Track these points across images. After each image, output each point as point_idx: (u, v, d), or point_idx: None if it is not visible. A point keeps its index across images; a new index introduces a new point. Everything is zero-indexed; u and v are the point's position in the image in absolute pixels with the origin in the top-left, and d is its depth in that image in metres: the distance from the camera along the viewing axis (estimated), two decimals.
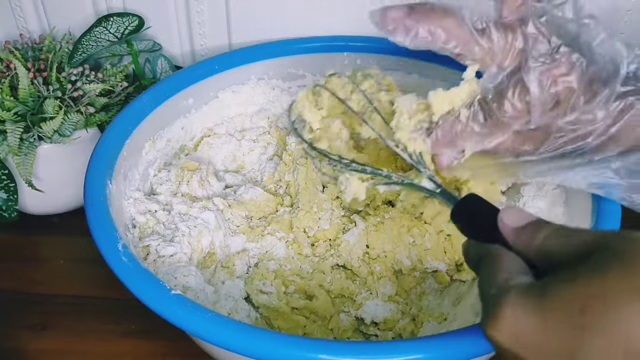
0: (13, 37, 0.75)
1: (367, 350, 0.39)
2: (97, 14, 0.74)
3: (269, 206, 0.62)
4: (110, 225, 0.48)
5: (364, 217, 0.59)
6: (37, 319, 0.60)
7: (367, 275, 0.57)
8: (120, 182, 0.56)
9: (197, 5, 0.73)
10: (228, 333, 0.40)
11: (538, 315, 0.28)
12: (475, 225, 0.38)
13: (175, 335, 0.50)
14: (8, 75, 0.63)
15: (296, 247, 0.60)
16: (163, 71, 0.74)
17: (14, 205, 0.66)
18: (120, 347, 0.57)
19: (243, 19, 0.74)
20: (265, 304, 0.54)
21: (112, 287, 0.49)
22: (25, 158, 0.61)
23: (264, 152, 0.69)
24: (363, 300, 0.55)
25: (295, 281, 0.56)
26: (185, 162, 0.63)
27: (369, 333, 0.55)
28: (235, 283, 0.55)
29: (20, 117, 0.62)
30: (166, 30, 0.75)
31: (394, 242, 0.57)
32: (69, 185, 0.67)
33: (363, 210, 0.59)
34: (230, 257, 0.58)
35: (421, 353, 0.38)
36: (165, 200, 0.59)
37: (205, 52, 0.77)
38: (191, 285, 0.51)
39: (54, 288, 0.63)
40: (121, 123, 0.58)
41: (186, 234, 0.55)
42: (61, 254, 0.67)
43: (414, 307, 0.56)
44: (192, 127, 0.67)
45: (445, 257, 0.58)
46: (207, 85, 0.66)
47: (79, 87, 0.65)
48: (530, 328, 0.28)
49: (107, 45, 0.70)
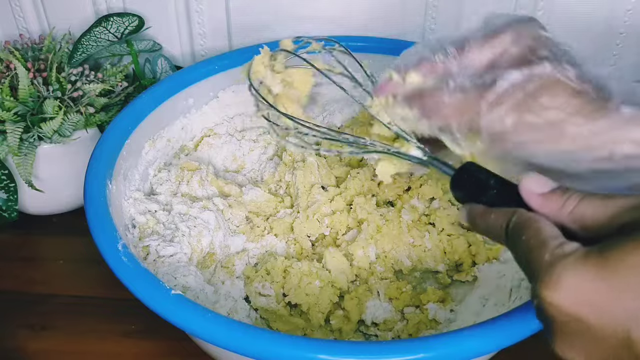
0: (13, 37, 0.75)
1: (367, 350, 0.39)
2: (97, 14, 0.74)
3: (269, 206, 0.62)
4: (110, 225, 0.48)
5: (364, 218, 0.59)
6: (37, 319, 0.60)
7: (368, 275, 0.57)
8: (120, 182, 0.56)
9: (197, 5, 0.73)
10: (228, 333, 0.40)
11: (602, 280, 0.28)
12: (483, 192, 0.37)
13: (175, 335, 0.50)
14: (8, 75, 0.63)
15: (296, 247, 0.60)
16: (163, 71, 0.74)
17: (14, 205, 0.66)
18: (120, 347, 0.57)
19: (243, 19, 0.74)
20: (264, 306, 0.54)
21: (112, 287, 0.49)
22: (25, 158, 0.61)
23: (264, 152, 0.69)
24: (364, 300, 0.55)
25: (295, 281, 0.56)
26: (185, 162, 0.63)
27: (369, 333, 0.55)
28: (235, 283, 0.55)
29: (20, 117, 0.62)
30: (166, 30, 0.75)
31: (394, 242, 0.57)
32: (69, 185, 0.67)
33: (364, 211, 0.59)
34: (230, 257, 0.58)
35: (421, 353, 0.38)
36: (165, 200, 0.59)
37: (205, 52, 0.77)
38: (191, 285, 0.51)
39: (53, 288, 0.63)
40: (121, 123, 0.58)
41: (186, 234, 0.55)
42: (61, 254, 0.67)
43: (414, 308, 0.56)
44: (192, 127, 0.67)
45: (445, 258, 0.58)
46: (207, 85, 0.66)
47: (79, 87, 0.65)
48: (594, 291, 0.29)
49: (107, 45, 0.70)
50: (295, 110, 0.45)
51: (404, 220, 0.58)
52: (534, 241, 0.32)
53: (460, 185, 0.39)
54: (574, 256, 0.30)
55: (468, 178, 0.38)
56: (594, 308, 0.29)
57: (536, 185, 0.34)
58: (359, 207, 0.59)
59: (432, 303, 0.54)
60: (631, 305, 0.28)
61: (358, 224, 0.59)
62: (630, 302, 0.28)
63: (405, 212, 0.59)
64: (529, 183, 0.35)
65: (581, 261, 0.29)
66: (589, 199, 0.32)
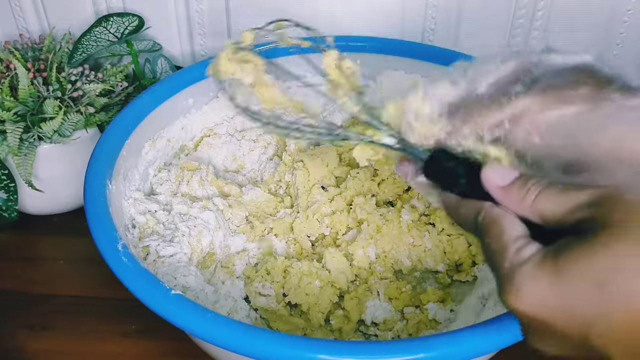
0: (13, 37, 0.75)
1: (367, 350, 0.39)
2: (97, 14, 0.74)
3: (269, 206, 0.63)
4: (110, 225, 0.48)
5: (364, 218, 0.59)
6: (37, 319, 0.60)
7: (367, 275, 0.57)
8: (120, 182, 0.56)
9: (197, 5, 0.73)
10: (228, 333, 0.40)
11: (556, 286, 0.29)
12: (453, 182, 0.37)
13: (175, 335, 0.50)
14: (8, 75, 0.63)
15: (296, 247, 0.60)
16: (163, 71, 0.74)
17: (14, 205, 0.66)
18: (120, 347, 0.57)
19: (243, 19, 0.74)
20: (264, 306, 0.54)
21: (112, 287, 0.49)
22: (25, 158, 0.61)
23: (264, 152, 0.69)
24: (364, 300, 0.55)
25: (295, 281, 0.56)
26: (185, 162, 0.63)
27: (369, 333, 0.55)
28: (235, 283, 0.55)
29: (20, 117, 0.62)
30: (166, 30, 0.75)
31: (394, 242, 0.57)
32: (69, 185, 0.67)
33: (364, 211, 0.59)
34: (230, 257, 0.58)
35: (421, 353, 0.38)
36: (165, 200, 0.59)
37: (205, 52, 0.77)
38: (191, 285, 0.51)
39: (53, 288, 0.63)
40: (121, 123, 0.58)
41: (186, 234, 0.55)
42: (61, 254, 0.67)
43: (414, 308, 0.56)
44: (192, 127, 0.67)
45: (445, 258, 0.58)
46: (207, 85, 0.66)
47: (79, 87, 0.65)
48: (551, 297, 0.30)
49: (107, 45, 0.70)
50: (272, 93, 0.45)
51: (403, 220, 0.58)
52: (495, 245, 0.33)
53: (432, 173, 0.38)
54: (531, 263, 0.31)
55: (438, 167, 0.37)
56: (553, 312, 0.30)
57: (496, 176, 0.34)
58: (359, 207, 0.59)
59: (432, 303, 0.54)
60: (582, 311, 0.29)
61: (358, 224, 0.59)
62: (581, 309, 0.29)
63: (405, 212, 0.59)
64: (490, 174, 0.34)
65: (537, 267, 0.30)
66: (546, 193, 0.32)
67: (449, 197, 0.37)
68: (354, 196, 0.61)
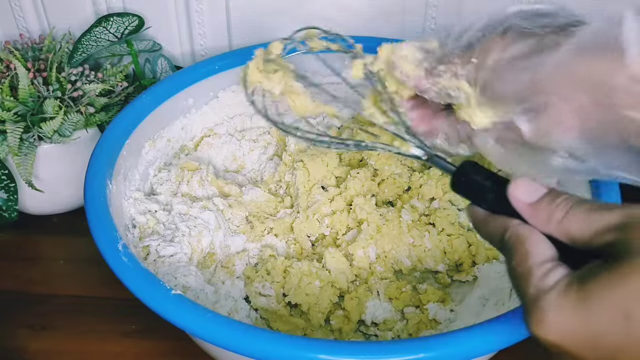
0: (13, 37, 0.75)
1: (367, 350, 0.39)
2: (97, 14, 0.74)
3: (269, 206, 0.63)
4: (110, 225, 0.48)
5: (364, 218, 0.59)
6: (37, 319, 0.60)
7: (368, 275, 0.57)
8: (120, 182, 0.56)
9: (197, 5, 0.73)
10: (228, 333, 0.40)
11: (581, 317, 0.29)
12: (481, 196, 0.36)
13: (175, 335, 0.50)
14: (8, 75, 0.63)
15: (296, 247, 0.60)
16: (163, 71, 0.74)
17: (14, 205, 0.66)
18: (120, 347, 0.57)
19: (243, 19, 0.74)
20: (264, 306, 0.54)
21: (112, 287, 0.49)
22: (25, 158, 0.61)
23: (264, 152, 0.69)
24: (364, 300, 0.55)
25: (295, 281, 0.56)
26: (185, 162, 0.63)
27: (369, 333, 0.55)
28: (235, 283, 0.55)
29: (20, 117, 0.62)
30: (166, 30, 0.75)
31: (394, 242, 0.57)
32: (69, 185, 0.67)
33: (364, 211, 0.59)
34: (230, 257, 0.58)
35: (421, 353, 0.38)
36: (165, 200, 0.59)
37: (205, 52, 0.77)
38: (191, 285, 0.51)
39: (53, 288, 0.63)
40: (121, 123, 0.58)
41: (186, 234, 0.55)
42: (61, 254, 0.67)
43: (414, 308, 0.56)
44: (192, 127, 0.67)
45: (445, 258, 0.58)
46: (207, 85, 0.66)
47: (79, 87, 0.65)
48: (576, 327, 0.29)
49: (107, 45, 0.70)
50: (303, 102, 0.45)
51: (403, 220, 0.58)
52: (521, 269, 0.32)
53: (460, 187, 0.38)
54: (557, 290, 0.30)
55: (466, 180, 0.37)
56: (577, 342, 0.29)
57: (522, 192, 0.34)
58: (359, 207, 0.59)
59: (432, 303, 0.54)
60: (608, 343, 0.28)
61: (358, 224, 0.59)
62: (606, 340, 0.28)
63: (405, 212, 0.59)
64: (515, 190, 0.34)
65: (563, 295, 0.30)
66: (574, 212, 0.32)
67: (477, 211, 0.37)
68: (354, 196, 0.61)
